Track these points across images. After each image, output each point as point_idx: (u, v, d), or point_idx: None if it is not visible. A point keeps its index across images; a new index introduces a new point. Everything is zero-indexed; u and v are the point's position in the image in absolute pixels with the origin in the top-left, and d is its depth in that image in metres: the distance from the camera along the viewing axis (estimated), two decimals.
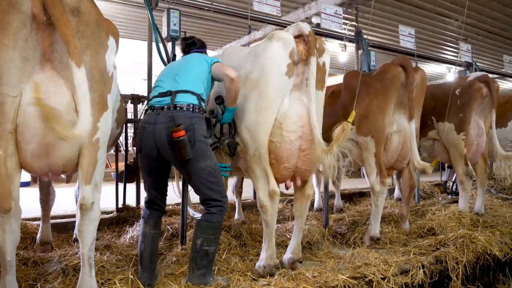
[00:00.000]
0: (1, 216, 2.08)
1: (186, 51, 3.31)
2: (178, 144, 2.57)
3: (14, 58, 2.01)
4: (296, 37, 2.91)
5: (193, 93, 2.78)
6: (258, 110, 2.89)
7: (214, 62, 2.95)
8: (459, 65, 8.31)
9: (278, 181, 3.03)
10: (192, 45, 3.30)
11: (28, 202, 4.30)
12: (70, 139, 1.94)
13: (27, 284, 2.65)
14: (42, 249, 3.46)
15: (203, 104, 2.83)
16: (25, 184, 7.60)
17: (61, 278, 2.69)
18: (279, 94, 2.88)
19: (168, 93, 2.79)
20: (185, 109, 2.71)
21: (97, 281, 2.50)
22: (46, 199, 3.64)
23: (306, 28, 2.87)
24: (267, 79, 2.85)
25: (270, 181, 2.94)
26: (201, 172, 2.68)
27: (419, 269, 3.15)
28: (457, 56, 8.43)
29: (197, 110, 2.74)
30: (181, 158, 2.62)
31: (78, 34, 2.10)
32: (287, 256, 3.22)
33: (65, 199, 4.74)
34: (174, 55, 3.98)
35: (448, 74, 9.68)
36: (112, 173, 5.85)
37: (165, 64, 4.21)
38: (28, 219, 4.17)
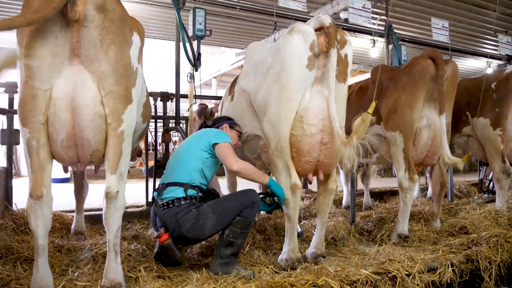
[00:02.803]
0: (34, 203, 2.22)
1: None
2: (164, 248, 2.79)
3: (45, 54, 2.14)
4: (317, 29, 2.89)
5: (181, 184, 2.86)
6: (279, 103, 2.90)
7: (216, 143, 2.97)
8: (499, 59, 7.93)
9: (300, 175, 3.03)
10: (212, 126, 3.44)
11: (66, 196, 4.57)
12: None
13: (60, 269, 2.80)
14: (76, 238, 3.65)
15: (192, 191, 2.87)
16: (64, 180, 8.01)
17: (91, 265, 2.83)
18: (300, 87, 2.88)
19: (160, 186, 2.96)
20: (170, 206, 2.81)
21: (123, 268, 2.60)
22: (80, 191, 3.85)
23: (327, 20, 2.84)
24: (287, 72, 2.85)
25: (291, 174, 2.94)
26: (213, 229, 2.83)
27: (448, 267, 3.04)
28: (496, 50, 8.03)
29: (182, 202, 2.81)
30: (170, 259, 2.85)
31: (104, 30, 2.21)
32: (310, 250, 3.21)
33: (99, 194, 4.96)
34: (199, 54, 4.06)
35: (488, 69, 9.21)
36: (142, 169, 6.06)
37: (190, 62, 4.31)
38: (65, 211, 4.40)
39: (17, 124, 3.44)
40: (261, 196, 3.06)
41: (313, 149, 2.92)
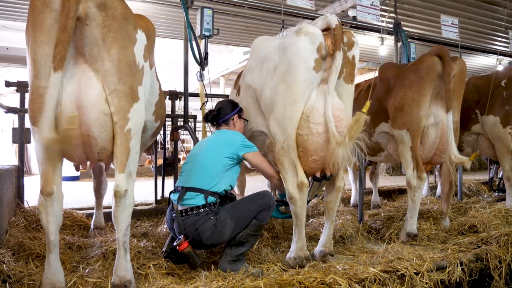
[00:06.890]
0: (45, 199, 2.25)
1: (214, 125, 3.29)
2: (185, 256, 2.76)
3: (50, 53, 2.14)
4: (324, 30, 2.88)
5: (201, 190, 2.84)
6: (285, 103, 2.90)
7: (247, 152, 2.96)
8: (510, 56, 7.83)
9: (308, 174, 3.03)
10: (217, 116, 3.24)
11: (76, 194, 4.65)
12: None
13: (71, 266, 2.86)
14: (96, 233, 3.74)
15: (212, 198, 2.85)
16: (73, 178, 8.09)
17: (101, 262, 2.88)
18: (306, 88, 2.88)
19: (179, 189, 2.92)
20: (189, 213, 2.81)
21: (133, 265, 2.63)
22: (98, 188, 3.93)
23: (334, 21, 2.82)
24: (294, 73, 2.85)
25: (298, 173, 2.95)
26: (232, 234, 2.83)
27: (457, 266, 3.01)
28: (507, 47, 7.93)
29: (201, 210, 2.81)
30: (192, 267, 2.83)
31: (105, 28, 2.22)
32: (318, 249, 3.21)
33: (109, 191, 5.01)
34: (207, 53, 4.08)
35: (498, 66, 9.09)
36: (151, 167, 6.13)
37: (197, 62, 4.34)
38: (75, 209, 4.46)
39: (28, 123, 3.50)
40: (277, 203, 3.10)
41: (320, 148, 2.91)
